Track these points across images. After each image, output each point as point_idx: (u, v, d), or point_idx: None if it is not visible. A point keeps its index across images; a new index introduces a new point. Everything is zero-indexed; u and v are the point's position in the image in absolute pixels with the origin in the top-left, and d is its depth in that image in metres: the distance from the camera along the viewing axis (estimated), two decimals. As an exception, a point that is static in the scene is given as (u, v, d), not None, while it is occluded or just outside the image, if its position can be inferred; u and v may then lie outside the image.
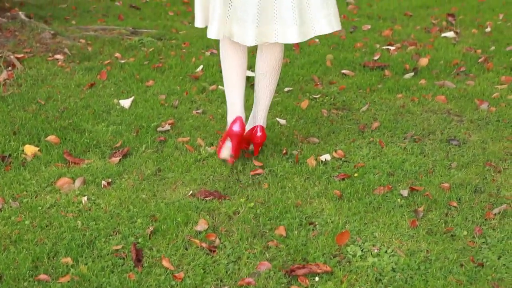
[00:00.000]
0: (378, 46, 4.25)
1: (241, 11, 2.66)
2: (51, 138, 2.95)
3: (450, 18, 4.80)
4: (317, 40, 4.31)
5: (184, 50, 4.11)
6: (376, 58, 4.03)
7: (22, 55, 3.87)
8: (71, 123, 3.13)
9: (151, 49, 4.09)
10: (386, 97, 3.49)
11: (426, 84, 3.64)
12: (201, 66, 3.84)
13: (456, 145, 2.98)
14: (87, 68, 3.80)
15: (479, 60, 3.97)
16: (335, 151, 2.91)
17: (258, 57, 2.85)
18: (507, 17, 4.82)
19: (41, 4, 4.99)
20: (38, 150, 2.85)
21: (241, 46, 2.79)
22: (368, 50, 4.17)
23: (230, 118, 2.78)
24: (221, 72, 3.78)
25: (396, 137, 3.06)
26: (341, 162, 2.83)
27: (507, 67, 3.87)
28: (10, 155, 2.82)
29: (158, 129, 3.11)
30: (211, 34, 2.75)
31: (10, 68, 3.71)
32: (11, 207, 2.45)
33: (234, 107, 2.80)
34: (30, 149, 2.84)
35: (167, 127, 3.12)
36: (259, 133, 2.82)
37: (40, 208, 2.44)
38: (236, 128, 2.74)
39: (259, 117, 2.88)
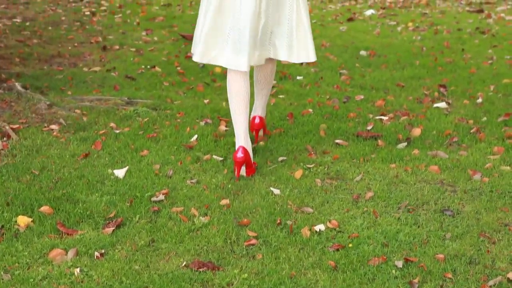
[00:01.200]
0: (371, 116, 4.29)
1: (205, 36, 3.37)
2: (45, 208, 2.95)
3: (441, 89, 4.86)
4: (310, 110, 4.35)
5: (178, 120, 4.14)
6: (369, 128, 4.06)
7: (17, 125, 3.89)
8: (65, 194, 3.12)
9: (146, 119, 4.12)
10: (380, 167, 3.51)
11: (419, 154, 3.67)
12: (195, 136, 3.87)
13: (450, 216, 2.98)
14: (82, 138, 3.81)
15: (471, 131, 4.01)
16: (329, 221, 2.91)
17: (255, 69, 3.68)
18: (498, 89, 4.89)
19: (37, 75, 5.04)
20: (31, 221, 2.84)
21: (241, 77, 3.36)
22: (361, 120, 4.21)
23: (236, 146, 3.37)
24: (215, 141, 3.81)
25: (390, 207, 3.06)
26: (335, 233, 2.83)
27: (499, 138, 3.90)
28: (2, 226, 2.80)
29: (152, 199, 3.11)
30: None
31: (5, 138, 3.73)
32: (2, 279, 2.42)
33: (238, 137, 3.37)
34: (23, 220, 2.83)
35: (161, 197, 3.12)
36: (257, 120, 3.70)
37: (32, 280, 2.41)
38: (239, 154, 3.31)
39: (257, 109, 3.75)
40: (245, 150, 3.31)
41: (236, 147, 3.34)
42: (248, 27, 3.27)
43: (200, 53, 3.37)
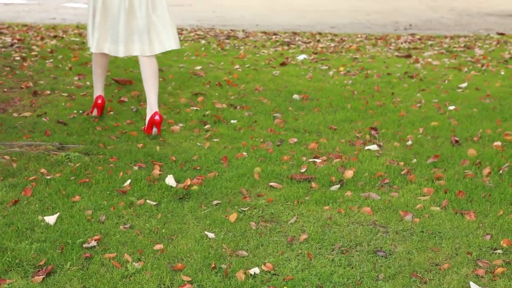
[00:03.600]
0: (304, 159, 4.33)
1: (112, 32, 4.69)
2: (-29, 257, 2.86)
3: (373, 132, 4.96)
4: (245, 153, 4.37)
5: (111, 165, 4.09)
6: (303, 170, 4.10)
7: None
8: (-7, 242, 3.04)
9: (78, 164, 4.06)
10: (314, 209, 3.54)
11: (352, 196, 3.71)
12: (128, 181, 3.83)
13: (382, 256, 3.01)
14: (11, 184, 3.73)
15: (402, 172, 4.08)
16: (264, 264, 2.90)
17: (142, 69, 4.78)
18: (427, 131, 5.01)
19: (-35, 120, 4.93)
20: (-43, 271, 2.75)
21: (106, 57, 4.98)
22: (295, 163, 4.25)
23: (95, 96, 5.10)
24: (149, 185, 3.77)
25: (324, 249, 3.08)
26: (270, 275, 2.82)
27: (429, 179, 3.99)
28: None
29: (84, 245, 3.05)
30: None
31: None
32: None
33: (97, 90, 5.08)
34: None
35: (93, 243, 3.07)
36: (157, 117, 4.69)
37: (-44, 332, 2.32)
38: (99, 101, 5.08)
39: (153, 106, 4.72)
40: (102, 97, 5.10)
41: (96, 95, 5.12)
42: (121, 24, 4.62)
43: (95, 45, 4.72)
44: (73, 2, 13.40)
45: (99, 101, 5.07)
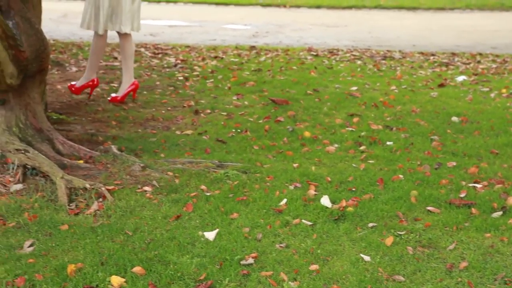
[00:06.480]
0: (464, 183, 4.20)
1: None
2: (137, 269, 3.00)
3: (538, 157, 4.73)
4: (401, 176, 4.30)
5: (268, 184, 4.16)
6: (462, 195, 3.98)
7: (112, 187, 4.00)
8: (157, 255, 3.17)
9: (236, 182, 4.16)
10: (474, 236, 3.42)
11: (516, 224, 3.55)
12: (284, 200, 3.88)
13: (550, 289, 2.86)
14: (174, 200, 3.89)
15: None
16: (422, 291, 2.84)
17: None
18: None
19: (132, 137, 5.20)
20: (124, 281, 2.89)
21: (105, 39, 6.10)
22: (453, 187, 4.13)
23: (91, 79, 6.22)
24: (304, 205, 3.80)
25: (486, 279, 2.97)
26: (428, 303, 2.75)
27: None
28: (97, 285, 2.87)
29: (242, 262, 3.12)
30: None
31: (101, 199, 3.84)
32: (95, 337, 2.46)
33: (94, 74, 6.24)
34: (116, 280, 2.89)
35: (251, 260, 3.13)
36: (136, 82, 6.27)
37: None
38: (96, 81, 6.29)
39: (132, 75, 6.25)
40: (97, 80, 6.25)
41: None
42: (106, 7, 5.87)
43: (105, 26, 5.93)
44: (232, 24, 13.81)
45: (96, 82, 6.25)
